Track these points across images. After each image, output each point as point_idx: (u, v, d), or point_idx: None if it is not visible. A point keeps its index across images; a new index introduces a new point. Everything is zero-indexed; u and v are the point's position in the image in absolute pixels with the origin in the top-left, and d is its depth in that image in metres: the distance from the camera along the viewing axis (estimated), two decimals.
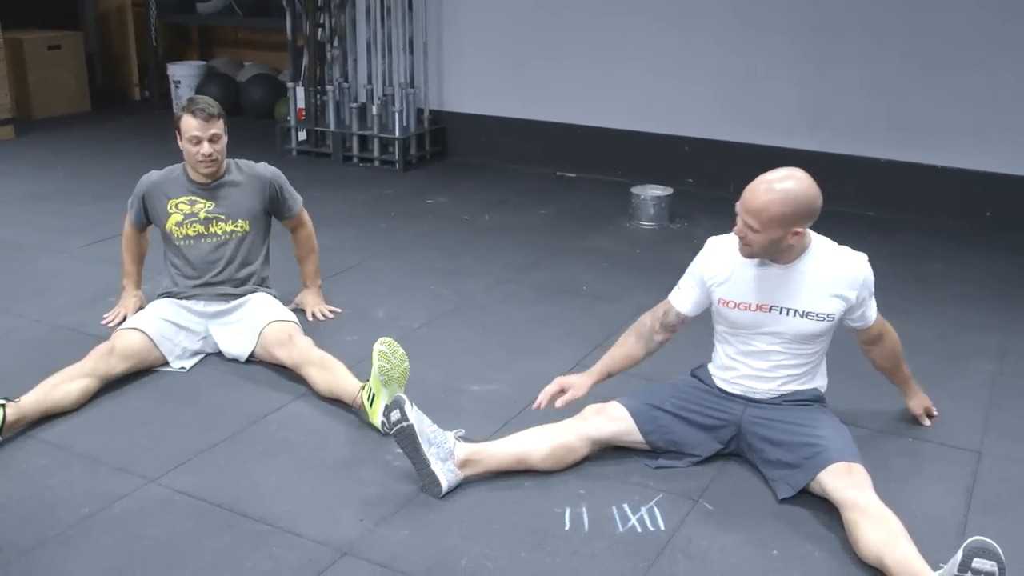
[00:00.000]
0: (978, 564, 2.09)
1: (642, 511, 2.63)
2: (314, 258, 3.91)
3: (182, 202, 3.55)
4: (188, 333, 3.48)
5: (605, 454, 2.87)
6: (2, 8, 6.96)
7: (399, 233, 5.08)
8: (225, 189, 3.57)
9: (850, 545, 2.45)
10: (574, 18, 6.09)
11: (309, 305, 3.90)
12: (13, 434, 2.97)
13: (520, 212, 5.49)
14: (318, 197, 3.98)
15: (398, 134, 6.29)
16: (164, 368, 3.42)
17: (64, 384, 3.13)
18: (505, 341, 3.74)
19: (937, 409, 3.14)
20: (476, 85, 6.51)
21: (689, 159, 5.89)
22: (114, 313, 3.77)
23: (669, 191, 5.28)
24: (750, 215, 2.57)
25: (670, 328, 2.88)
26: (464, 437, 2.80)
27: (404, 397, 2.67)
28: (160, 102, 8.22)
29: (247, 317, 3.49)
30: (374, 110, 6.35)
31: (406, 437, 2.64)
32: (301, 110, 6.63)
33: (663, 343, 2.92)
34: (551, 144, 6.35)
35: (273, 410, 3.17)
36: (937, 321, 3.97)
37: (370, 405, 3.00)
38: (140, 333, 3.36)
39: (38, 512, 2.62)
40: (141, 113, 8.21)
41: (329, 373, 3.21)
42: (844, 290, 2.67)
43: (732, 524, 2.59)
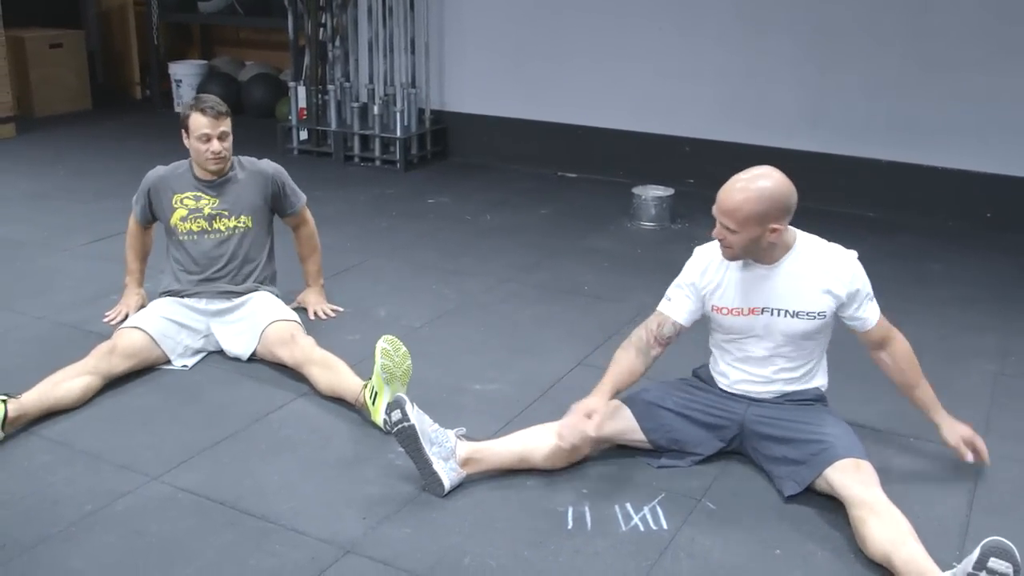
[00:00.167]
0: (994, 564, 2.09)
1: (645, 510, 2.63)
2: (316, 257, 3.92)
3: (187, 197, 3.56)
4: (190, 331, 3.49)
5: (607, 453, 2.87)
6: (4, 6, 6.95)
7: (400, 233, 5.08)
8: (229, 185, 3.58)
9: (853, 544, 2.46)
10: (575, 18, 6.09)
11: (311, 304, 3.91)
12: (15, 431, 2.97)
13: (521, 212, 5.49)
14: (319, 196, 3.98)
15: (399, 134, 6.29)
16: (166, 366, 3.42)
17: (66, 382, 3.14)
18: (506, 340, 3.75)
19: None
20: (477, 85, 6.51)
21: (690, 159, 5.89)
22: (116, 311, 3.77)
23: (670, 191, 5.29)
24: (726, 216, 2.59)
25: (665, 342, 2.81)
26: (466, 436, 2.80)
27: (405, 397, 2.67)
28: (161, 101, 8.23)
29: (249, 316, 3.49)
30: (375, 110, 6.36)
31: (407, 437, 2.64)
32: (303, 109, 6.63)
33: (657, 357, 2.84)
34: (552, 144, 6.35)
35: (275, 408, 3.18)
36: (937, 322, 3.98)
37: (372, 403, 3.00)
38: (142, 332, 3.36)
39: (40, 509, 2.62)
40: (142, 112, 8.21)
41: (331, 372, 3.21)
42: (832, 286, 2.66)
43: (735, 523, 2.59)
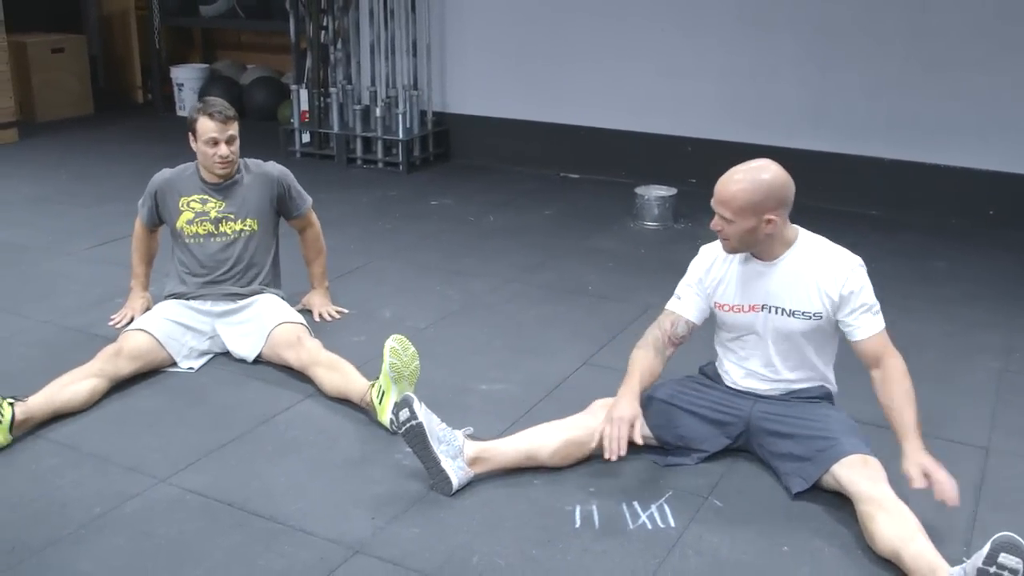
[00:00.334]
0: (1004, 559, 2.09)
1: (652, 508, 2.64)
2: (322, 259, 3.92)
3: (193, 200, 3.56)
4: (195, 333, 3.49)
5: None
6: (6, 11, 6.96)
7: (404, 234, 5.09)
8: (236, 189, 3.59)
9: (861, 540, 2.46)
10: (577, 19, 6.10)
11: (316, 306, 3.91)
12: (22, 434, 2.98)
13: (524, 213, 5.50)
14: (322, 199, 3.98)
15: (402, 136, 6.30)
16: (172, 368, 3.43)
17: (72, 385, 3.14)
18: (511, 341, 3.75)
19: (942, 408, 3.08)
20: (479, 87, 6.52)
21: (692, 159, 5.89)
22: (121, 314, 3.77)
23: (673, 191, 5.29)
24: (722, 205, 2.61)
25: (679, 341, 2.84)
26: (473, 436, 2.81)
27: (412, 396, 2.68)
28: (163, 105, 8.24)
29: (255, 318, 3.50)
30: (377, 112, 6.36)
31: (415, 436, 2.64)
32: (305, 112, 6.64)
33: (671, 356, 2.88)
34: (554, 145, 6.36)
35: (282, 410, 3.18)
36: (942, 319, 3.98)
37: (379, 403, 3.01)
38: (147, 334, 3.37)
39: (49, 512, 2.62)
40: (144, 116, 8.22)
41: (338, 374, 3.22)
42: (827, 287, 2.65)
43: (742, 521, 2.60)
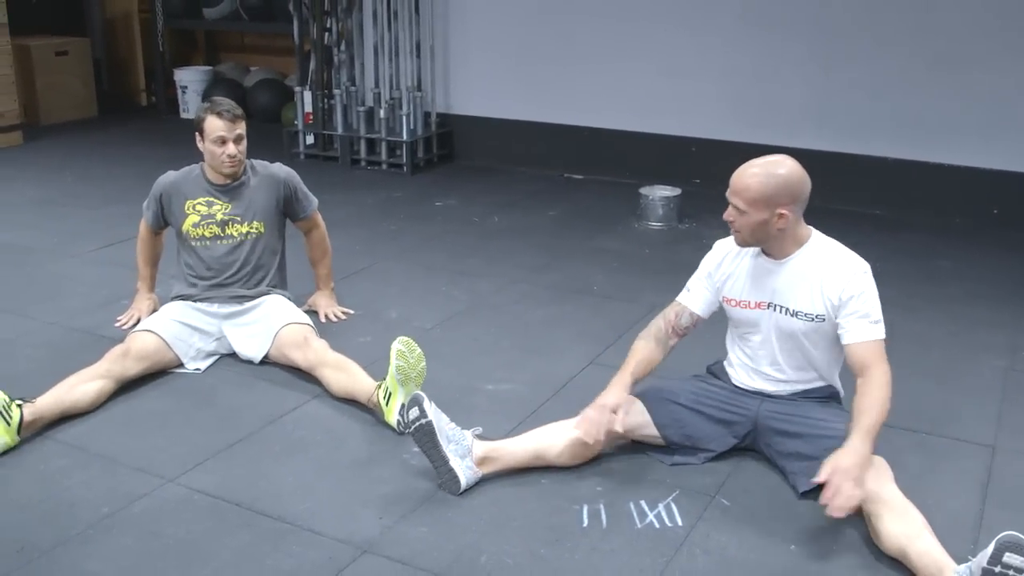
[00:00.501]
0: (1009, 558, 2.09)
1: (659, 507, 2.64)
2: (327, 260, 3.93)
3: (199, 203, 3.56)
4: (202, 334, 3.50)
5: (620, 450, 2.88)
6: (10, 15, 6.98)
7: (408, 235, 5.09)
8: (242, 191, 3.59)
9: (868, 538, 2.46)
10: (580, 20, 6.10)
11: (322, 307, 3.91)
12: (31, 435, 2.98)
13: (529, 214, 5.51)
14: (327, 200, 3.98)
15: (406, 137, 6.31)
16: (179, 369, 3.44)
17: (80, 385, 3.15)
18: (518, 341, 3.76)
19: (947, 407, 3.07)
20: (483, 88, 6.53)
21: (696, 159, 5.90)
22: (128, 316, 3.78)
23: (677, 191, 5.29)
24: (736, 195, 2.63)
25: (682, 332, 2.88)
26: (481, 436, 2.81)
27: (422, 394, 2.69)
28: (167, 107, 8.25)
29: (262, 319, 3.50)
30: (381, 113, 6.37)
31: (425, 434, 2.65)
32: (308, 114, 6.65)
33: (674, 347, 2.91)
34: (558, 146, 6.36)
35: (289, 410, 3.19)
36: (946, 318, 3.98)
37: (386, 404, 3.01)
38: (154, 335, 3.38)
39: (58, 512, 2.63)
40: (148, 118, 8.23)
41: (345, 374, 3.22)
42: (828, 290, 2.64)
43: (749, 520, 2.60)
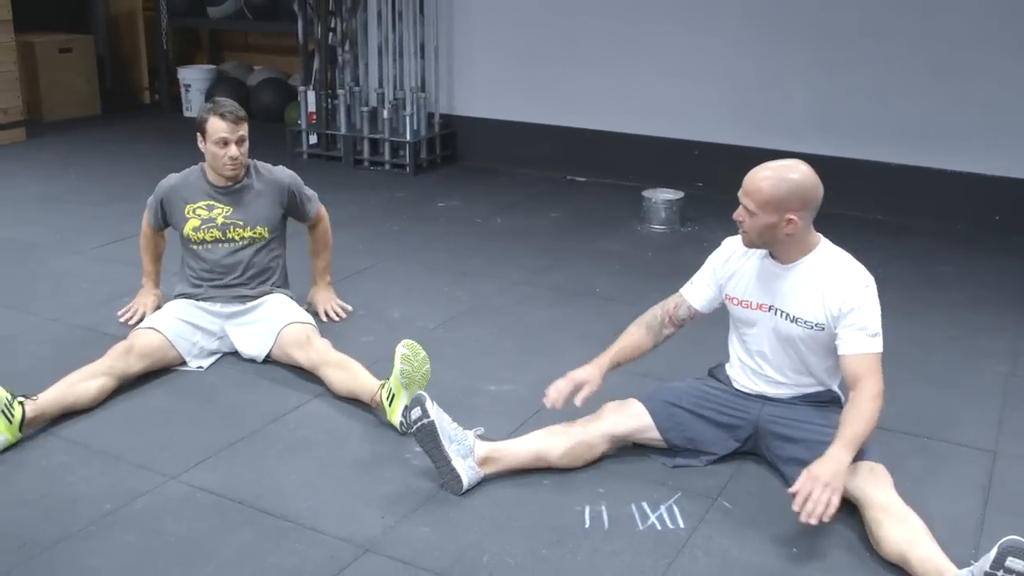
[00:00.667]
0: (1011, 563, 2.09)
1: (661, 509, 2.65)
2: (327, 254, 3.92)
3: (200, 207, 3.56)
4: (205, 333, 3.50)
5: (623, 453, 2.89)
6: (14, 11, 6.99)
7: (411, 236, 5.10)
8: (244, 194, 3.58)
9: (870, 542, 2.46)
10: (584, 22, 6.11)
11: (320, 303, 3.90)
12: (33, 431, 2.99)
13: (531, 215, 5.51)
14: (330, 200, 3.99)
15: (409, 138, 6.31)
16: (181, 367, 3.44)
17: (83, 382, 3.15)
18: (520, 342, 3.76)
19: (948, 412, 3.08)
20: (486, 89, 6.54)
21: (699, 163, 5.91)
22: (132, 310, 3.78)
23: (680, 195, 5.30)
24: (747, 196, 2.63)
25: (679, 323, 2.93)
26: (483, 436, 2.81)
27: (425, 395, 2.69)
28: (170, 106, 8.27)
29: (264, 318, 3.51)
30: (385, 114, 6.37)
31: (427, 434, 2.65)
32: (312, 114, 6.66)
33: (670, 336, 2.96)
34: (561, 148, 6.37)
35: (291, 409, 3.19)
36: (948, 323, 3.99)
37: (389, 404, 3.02)
38: (157, 332, 3.38)
39: (60, 508, 2.64)
40: (151, 116, 8.24)
41: (347, 373, 3.23)
42: (830, 300, 2.63)
43: (751, 522, 2.60)
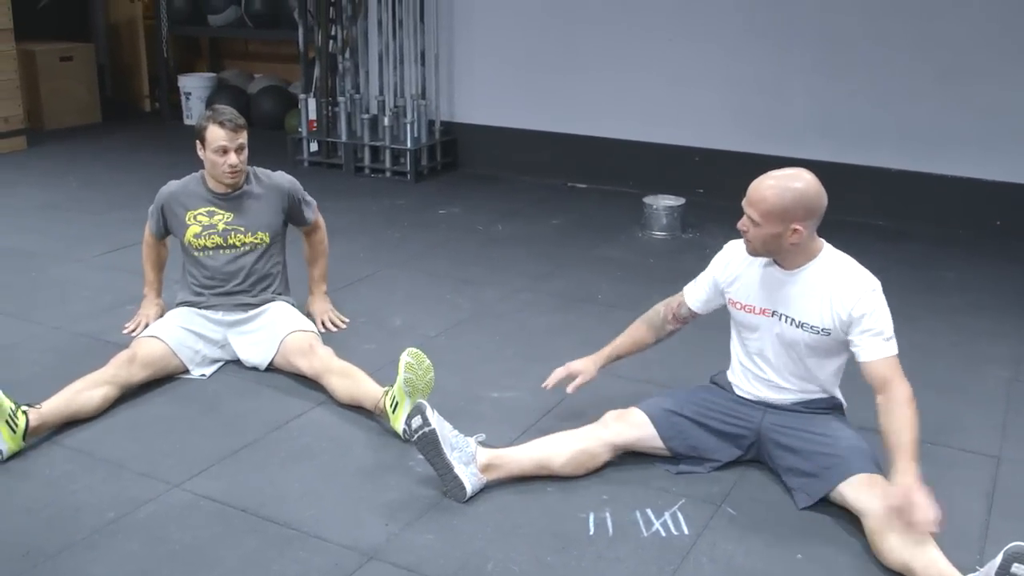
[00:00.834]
0: (1017, 569, 2.09)
1: (665, 516, 2.65)
2: (324, 262, 3.92)
3: (200, 213, 3.56)
4: (207, 341, 3.50)
5: (626, 459, 2.88)
6: (15, 19, 7.00)
7: (412, 243, 5.10)
8: (245, 201, 3.58)
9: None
10: (584, 29, 6.12)
11: (318, 313, 3.88)
12: (36, 440, 2.99)
13: (532, 222, 5.51)
14: (330, 207, 4.00)
15: (410, 145, 6.32)
16: (184, 376, 3.44)
17: (86, 391, 3.15)
18: (522, 349, 3.76)
19: (951, 418, 3.09)
20: (487, 96, 6.55)
21: (700, 169, 5.92)
22: (135, 321, 3.78)
23: (681, 201, 5.30)
24: (751, 206, 2.63)
25: (682, 319, 3.01)
26: (484, 443, 2.81)
27: (425, 403, 2.68)
28: (170, 114, 8.28)
29: (267, 326, 3.51)
30: (386, 121, 6.38)
31: (428, 442, 2.65)
32: (313, 121, 6.67)
33: (674, 332, 3.06)
34: (561, 155, 6.37)
35: (294, 417, 3.19)
36: (949, 329, 3.99)
37: (392, 412, 3.01)
38: (160, 341, 3.38)
39: (63, 517, 2.63)
40: (151, 124, 8.25)
41: (350, 381, 3.22)
42: (838, 306, 2.62)
43: (755, 528, 2.60)
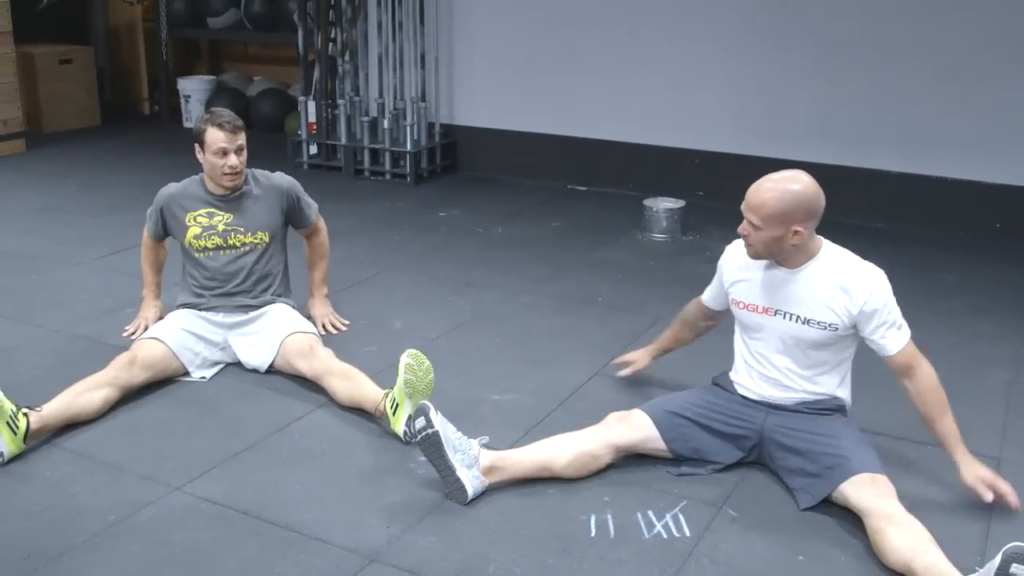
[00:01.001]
0: (1016, 569, 2.09)
1: (667, 518, 2.65)
2: (324, 264, 3.92)
3: (200, 215, 3.56)
4: (207, 344, 3.50)
5: (628, 461, 2.88)
6: (14, 22, 7.00)
7: (413, 245, 5.10)
8: (244, 201, 3.59)
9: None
10: (584, 32, 6.13)
11: (318, 316, 3.88)
12: (36, 443, 2.98)
13: (532, 225, 5.51)
14: (330, 210, 4.00)
15: (409, 148, 6.32)
16: (184, 378, 3.44)
17: (86, 393, 3.15)
18: (523, 351, 3.76)
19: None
20: (487, 99, 6.55)
21: (700, 172, 5.92)
22: (135, 325, 3.78)
23: (681, 203, 5.31)
24: (751, 211, 2.66)
25: (710, 317, 3.13)
26: (488, 445, 2.81)
27: (429, 404, 2.68)
28: (170, 116, 8.27)
29: (267, 328, 3.51)
30: (385, 124, 6.38)
31: (431, 444, 2.65)
32: (312, 124, 6.66)
33: (710, 327, 3.20)
34: (561, 157, 6.38)
35: (295, 419, 3.19)
36: (950, 331, 3.99)
37: (393, 413, 3.01)
38: (160, 343, 3.38)
39: (64, 520, 2.63)
40: (151, 127, 8.24)
41: (351, 383, 3.22)
42: (845, 300, 2.66)
43: (757, 530, 2.60)
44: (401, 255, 4.93)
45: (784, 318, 2.74)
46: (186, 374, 3.44)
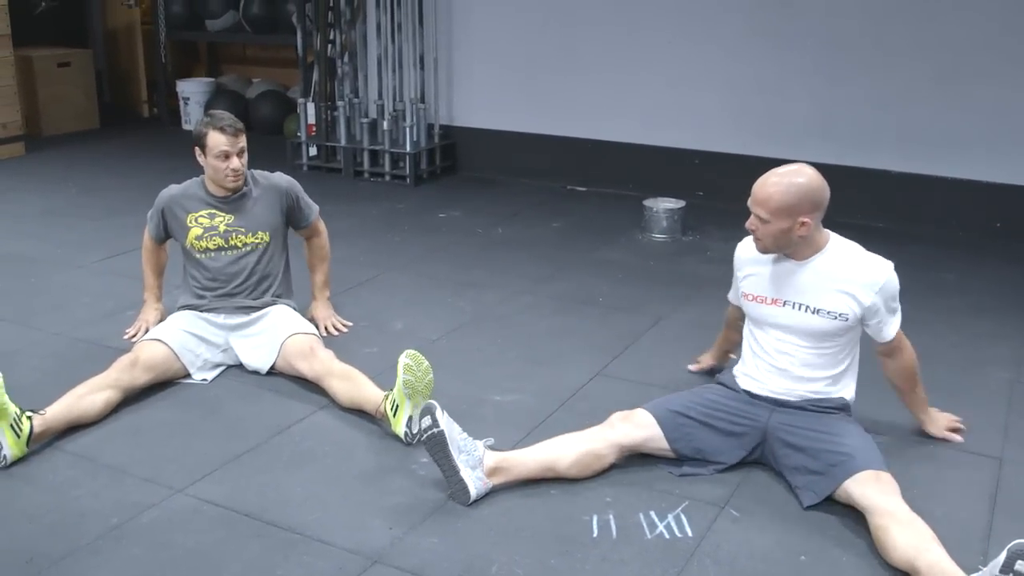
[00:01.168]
0: (1021, 566, 2.09)
1: (669, 518, 2.65)
2: (325, 267, 3.92)
3: (201, 216, 3.57)
4: (209, 345, 3.50)
5: (630, 462, 2.88)
6: (12, 25, 7.00)
7: (413, 246, 5.10)
8: (244, 202, 3.59)
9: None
10: (584, 32, 6.13)
11: (321, 319, 3.88)
12: (38, 445, 2.98)
13: (532, 225, 5.51)
14: (330, 211, 3.99)
15: (409, 149, 6.32)
16: (186, 380, 3.44)
17: (88, 395, 3.14)
18: (524, 352, 3.76)
19: (958, 417, 3.14)
20: (486, 100, 6.55)
21: (700, 172, 5.92)
22: (136, 327, 3.77)
23: (682, 203, 5.31)
24: (758, 205, 2.70)
25: (743, 316, 3.07)
26: (492, 447, 2.81)
27: (435, 404, 2.68)
28: (169, 119, 8.27)
29: (268, 329, 3.51)
30: (385, 125, 6.38)
31: (436, 443, 2.65)
32: (312, 126, 6.67)
33: None
34: (561, 158, 6.38)
35: (296, 421, 3.19)
36: (951, 331, 3.99)
37: (393, 415, 3.01)
38: (162, 345, 3.38)
39: (67, 523, 2.63)
40: (150, 130, 8.24)
41: (351, 384, 3.22)
42: (857, 291, 2.71)
43: (759, 530, 2.60)
44: (401, 256, 4.93)
45: (793, 308, 2.78)
46: (187, 376, 3.44)
